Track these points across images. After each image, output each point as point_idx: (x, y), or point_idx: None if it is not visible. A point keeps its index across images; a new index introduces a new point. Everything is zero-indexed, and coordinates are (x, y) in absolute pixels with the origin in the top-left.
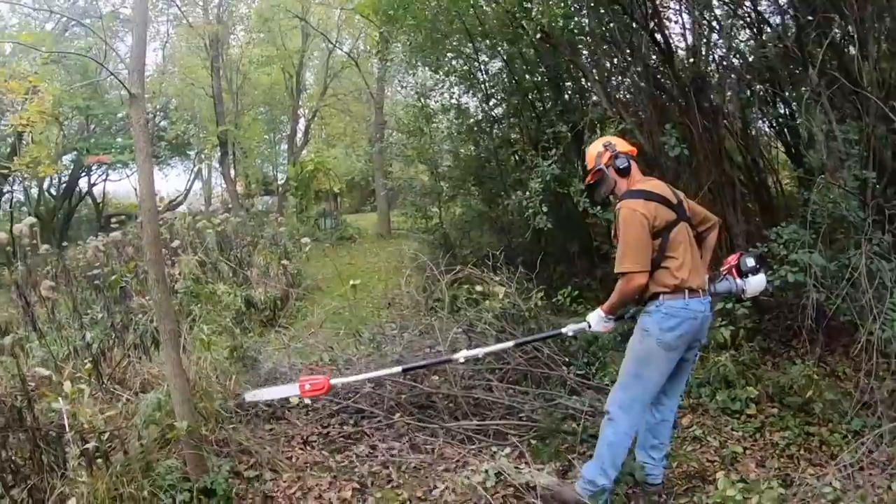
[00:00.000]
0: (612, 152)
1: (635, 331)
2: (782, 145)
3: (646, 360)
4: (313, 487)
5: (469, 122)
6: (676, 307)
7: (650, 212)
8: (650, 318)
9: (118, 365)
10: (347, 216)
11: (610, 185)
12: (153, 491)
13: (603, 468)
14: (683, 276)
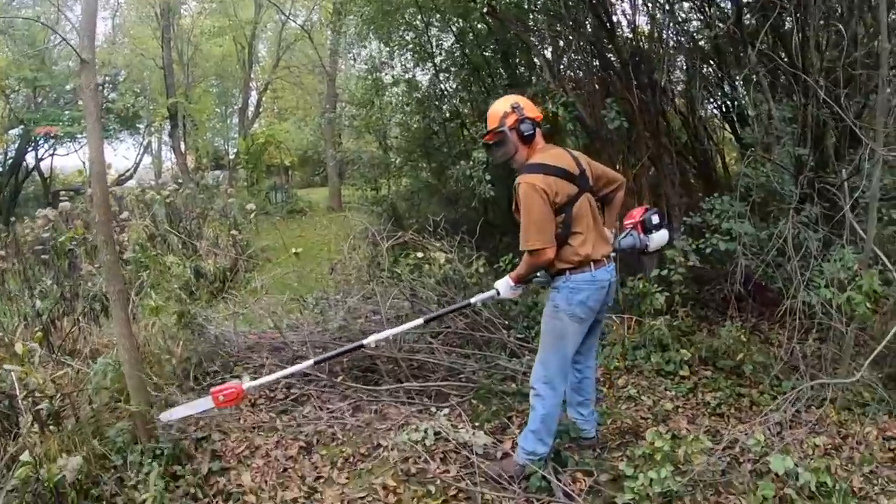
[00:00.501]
0: (519, 115)
1: (546, 307)
2: (728, 125)
3: (560, 334)
4: (260, 446)
5: (419, 95)
6: (583, 280)
7: (550, 187)
8: (559, 294)
9: (68, 334)
10: (298, 190)
11: (510, 149)
12: (104, 452)
13: (540, 439)
14: (587, 251)
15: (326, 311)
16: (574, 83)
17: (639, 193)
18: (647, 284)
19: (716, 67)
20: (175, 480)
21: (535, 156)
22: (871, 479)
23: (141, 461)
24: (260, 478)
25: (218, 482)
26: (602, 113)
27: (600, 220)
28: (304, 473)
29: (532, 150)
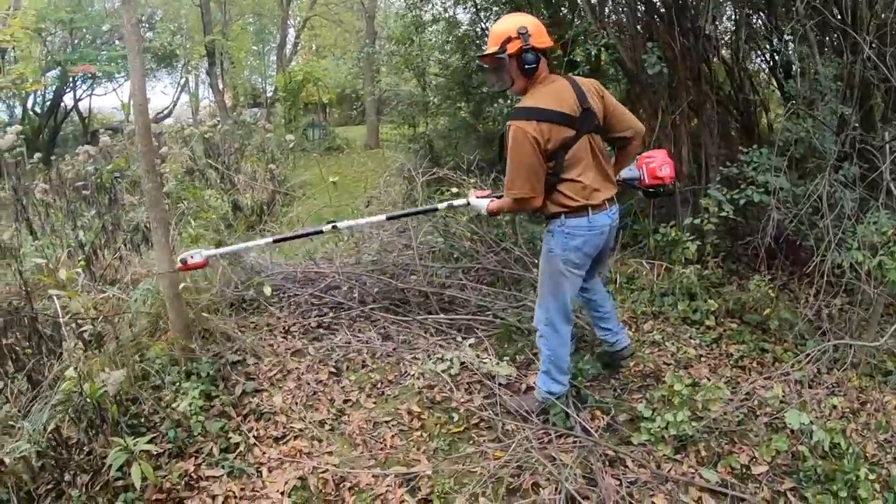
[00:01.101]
0: (524, 43)
1: (542, 250)
2: (774, 79)
3: (557, 278)
4: (292, 370)
5: (459, 33)
6: (580, 226)
7: (542, 134)
8: (553, 238)
9: (109, 264)
10: (336, 127)
11: (505, 79)
12: (145, 372)
13: (553, 378)
14: (584, 196)
15: (360, 244)
16: (616, 25)
17: (675, 139)
18: (679, 232)
19: (765, 18)
20: (210, 400)
21: (535, 91)
22: (886, 447)
23: (179, 381)
24: (291, 399)
25: (250, 402)
26: (643, 57)
27: (604, 160)
28: (333, 396)
29: (532, 82)
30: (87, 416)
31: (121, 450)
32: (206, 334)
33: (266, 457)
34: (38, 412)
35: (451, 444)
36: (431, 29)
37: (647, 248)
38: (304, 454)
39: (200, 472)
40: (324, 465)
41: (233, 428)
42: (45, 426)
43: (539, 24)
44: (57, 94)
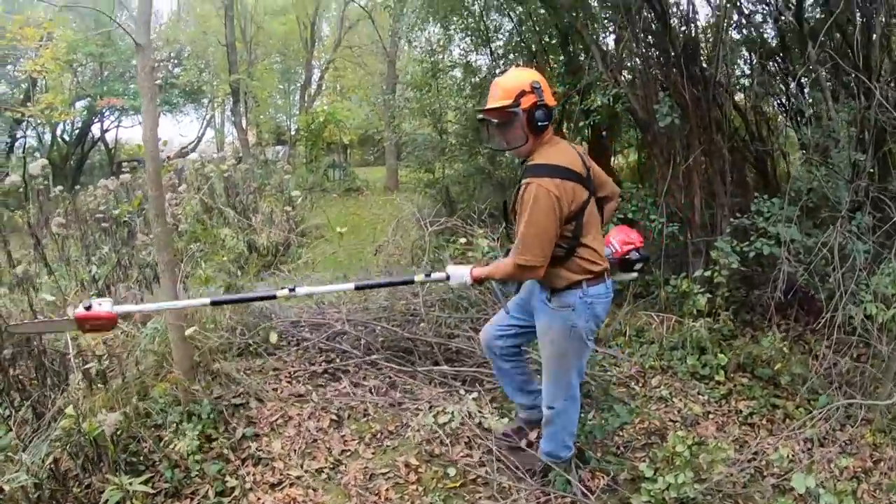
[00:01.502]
0: (538, 98)
1: (553, 329)
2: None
3: (576, 352)
4: (294, 416)
5: (476, 79)
6: (600, 294)
7: (566, 194)
8: (575, 313)
9: (122, 300)
10: (356, 168)
11: (515, 136)
12: (147, 410)
13: (564, 444)
14: (601, 261)
15: (368, 292)
16: (629, 74)
17: (688, 189)
18: (690, 284)
19: (780, 63)
20: (209, 442)
21: (543, 151)
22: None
23: (179, 421)
24: (290, 446)
25: (250, 446)
26: (655, 107)
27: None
28: (332, 445)
29: (539, 142)
30: (84, 452)
31: (116, 488)
32: (211, 375)
33: (260, 503)
34: (38, 444)
35: (445, 500)
36: (449, 75)
37: (659, 300)
38: (298, 503)
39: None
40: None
41: (230, 471)
42: (44, 459)
43: (545, 80)
44: (85, 123)
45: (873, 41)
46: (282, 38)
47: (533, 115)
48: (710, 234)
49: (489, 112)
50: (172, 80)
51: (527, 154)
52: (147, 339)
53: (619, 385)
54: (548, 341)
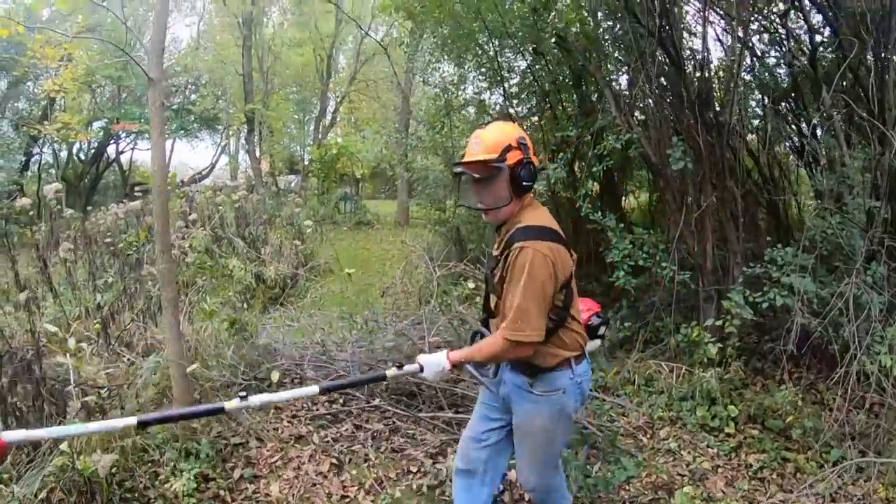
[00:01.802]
0: (525, 155)
1: (540, 417)
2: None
3: (565, 430)
4: (294, 458)
5: (489, 118)
6: (586, 370)
7: (561, 260)
8: (565, 395)
9: (125, 329)
10: (368, 201)
11: (497, 194)
12: (144, 446)
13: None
14: (584, 334)
15: (375, 332)
16: (641, 115)
17: (700, 234)
18: (701, 333)
19: (793, 104)
20: (206, 482)
21: (527, 213)
22: None
23: (177, 459)
24: (288, 490)
25: (247, 489)
26: (668, 152)
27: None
28: (332, 491)
29: (522, 204)
30: (77, 488)
31: None
32: None
33: None
34: (33, 475)
35: None
36: (462, 113)
37: (669, 348)
38: None
39: None
40: None
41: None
42: (37, 493)
43: (530, 140)
44: (101, 144)
45: (887, 84)
46: (298, 69)
47: (518, 173)
48: (721, 280)
49: (470, 165)
50: (189, 106)
51: (507, 216)
52: (148, 371)
53: (627, 436)
54: (534, 430)
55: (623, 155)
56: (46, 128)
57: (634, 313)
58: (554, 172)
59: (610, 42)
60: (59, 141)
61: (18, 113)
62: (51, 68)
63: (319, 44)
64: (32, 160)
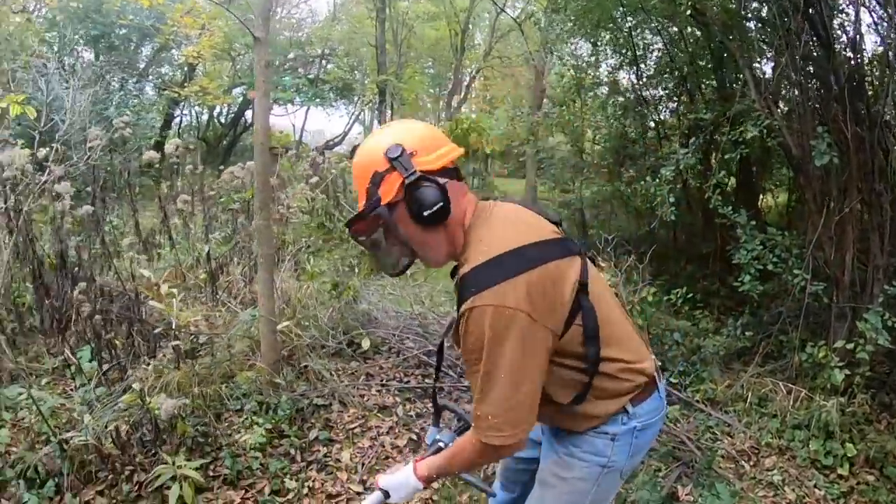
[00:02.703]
0: (404, 173)
1: (573, 470)
2: None
3: (601, 498)
4: (373, 428)
5: (621, 99)
6: (651, 411)
7: (548, 296)
8: (616, 444)
9: (232, 280)
10: (496, 178)
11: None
12: (227, 394)
13: None
14: (643, 360)
15: None
16: (786, 104)
17: (839, 242)
18: (828, 354)
19: None
20: (280, 438)
21: (472, 241)
22: None
23: (256, 411)
24: (359, 458)
25: (319, 451)
26: (811, 144)
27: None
28: None
29: (456, 232)
30: (144, 427)
31: (168, 467)
32: (298, 372)
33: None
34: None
35: None
36: (593, 93)
37: (790, 366)
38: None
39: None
40: None
41: (292, 472)
42: (107, 425)
43: (428, 130)
44: (240, 109)
45: None
46: (433, 43)
47: (411, 204)
48: (858, 297)
49: (351, 228)
50: (324, 75)
51: (448, 256)
52: (243, 324)
53: (727, 459)
54: (554, 477)
55: (762, 146)
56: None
57: (758, 322)
58: (684, 159)
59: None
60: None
61: (161, 77)
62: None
63: (454, 18)
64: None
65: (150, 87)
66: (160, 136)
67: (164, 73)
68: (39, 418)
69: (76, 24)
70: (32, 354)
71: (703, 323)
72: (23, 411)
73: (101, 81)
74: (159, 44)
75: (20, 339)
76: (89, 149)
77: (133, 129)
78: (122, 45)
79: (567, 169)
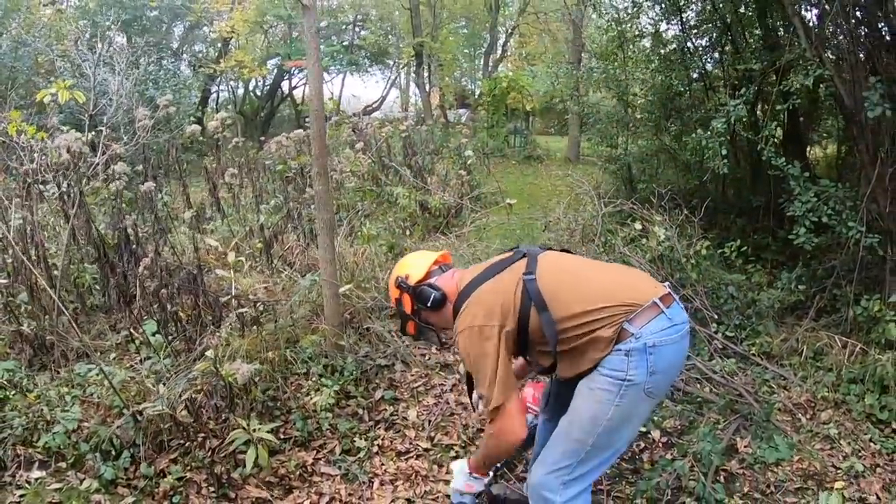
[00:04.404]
0: (410, 292)
1: (595, 388)
2: None
3: (625, 419)
4: (436, 386)
5: (665, 51)
6: (660, 330)
7: (498, 307)
8: (631, 360)
9: (287, 248)
10: (538, 136)
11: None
12: (293, 359)
13: None
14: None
15: None
16: (835, 54)
17: (894, 196)
18: (883, 308)
19: None
20: (347, 399)
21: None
22: None
23: (322, 374)
24: (426, 415)
25: (385, 409)
26: (864, 94)
27: (608, 268)
28: (469, 422)
29: (453, 298)
30: (219, 393)
31: (243, 431)
32: (360, 334)
33: (383, 469)
34: (179, 379)
35: None
36: (636, 45)
37: (845, 321)
38: (420, 476)
39: (317, 467)
40: (435, 493)
41: (361, 431)
42: (181, 394)
43: (414, 258)
44: (276, 80)
45: None
46: (467, 2)
47: (423, 304)
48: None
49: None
50: (359, 42)
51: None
52: (303, 290)
53: (784, 412)
54: (584, 388)
55: (811, 97)
56: (221, 66)
57: (811, 276)
58: (735, 110)
59: None
60: (235, 78)
61: (195, 55)
62: (222, 12)
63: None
64: (211, 98)
65: (185, 66)
66: (199, 112)
67: (197, 50)
68: (111, 392)
69: (107, 11)
70: (95, 332)
71: (757, 276)
72: (91, 387)
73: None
74: (191, 22)
75: (82, 319)
76: (138, 129)
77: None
78: (153, 26)
79: (612, 124)
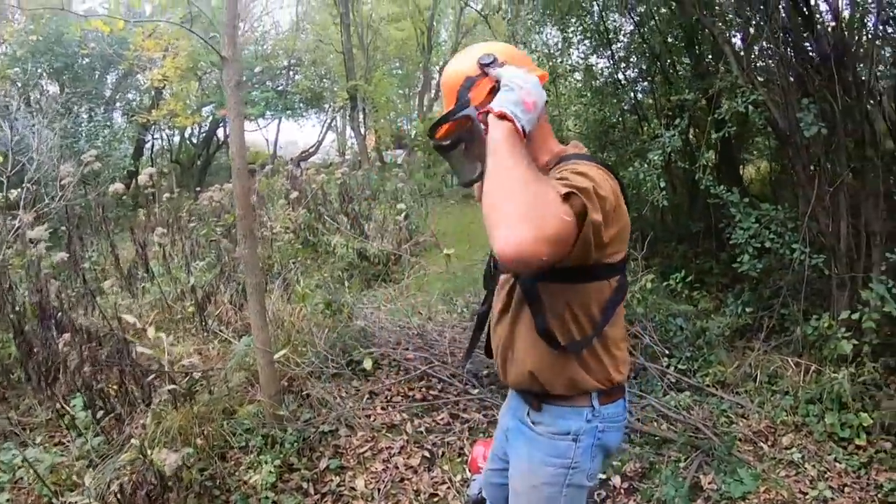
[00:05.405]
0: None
1: (534, 465)
2: None
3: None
4: (384, 450)
5: (596, 84)
6: (617, 415)
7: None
8: (578, 446)
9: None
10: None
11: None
12: (230, 431)
13: None
14: (624, 367)
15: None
16: (766, 78)
17: (834, 213)
18: (833, 324)
19: None
20: (290, 472)
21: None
22: None
23: (262, 447)
24: (374, 484)
25: (332, 481)
26: (798, 116)
27: None
28: (421, 488)
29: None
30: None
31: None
32: (300, 399)
33: None
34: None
35: None
36: (568, 80)
37: (795, 340)
38: None
39: None
40: None
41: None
42: (110, 483)
43: (518, 50)
44: (211, 128)
45: None
46: (399, 43)
47: None
48: (855, 264)
49: (440, 132)
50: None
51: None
52: (238, 355)
53: (745, 442)
54: (525, 487)
55: (741, 119)
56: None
57: (758, 298)
58: (670, 141)
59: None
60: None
61: (129, 104)
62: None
63: (418, 17)
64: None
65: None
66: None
67: (130, 99)
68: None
69: (38, 58)
70: (24, 408)
71: (703, 303)
72: (20, 470)
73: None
74: (123, 70)
75: (9, 393)
76: (61, 187)
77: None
78: (86, 74)
79: None
